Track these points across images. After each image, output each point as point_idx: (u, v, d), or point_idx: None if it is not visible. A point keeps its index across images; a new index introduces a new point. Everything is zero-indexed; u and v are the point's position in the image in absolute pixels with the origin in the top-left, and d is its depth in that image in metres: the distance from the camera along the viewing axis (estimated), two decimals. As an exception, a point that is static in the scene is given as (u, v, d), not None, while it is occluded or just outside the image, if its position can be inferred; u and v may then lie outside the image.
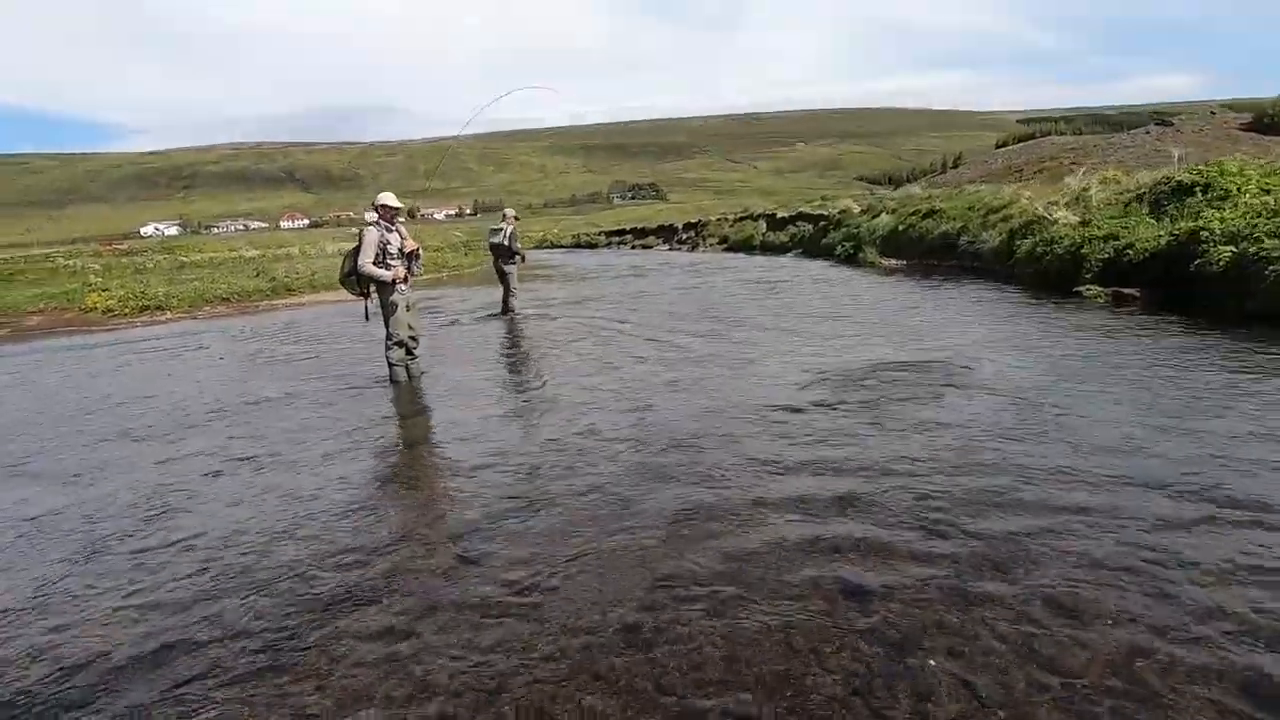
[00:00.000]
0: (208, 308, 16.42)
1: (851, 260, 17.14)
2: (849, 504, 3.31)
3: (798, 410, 4.79)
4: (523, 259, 11.38)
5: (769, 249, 25.24)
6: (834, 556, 2.84)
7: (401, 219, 6.38)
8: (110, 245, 66.06)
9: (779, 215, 29.28)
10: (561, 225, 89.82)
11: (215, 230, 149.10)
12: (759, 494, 3.49)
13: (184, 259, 34.60)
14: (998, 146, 69.83)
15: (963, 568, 2.69)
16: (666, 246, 36.87)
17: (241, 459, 4.55)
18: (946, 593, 2.53)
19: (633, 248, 41.37)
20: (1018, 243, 11.45)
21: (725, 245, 30.23)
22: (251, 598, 2.80)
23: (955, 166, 67.62)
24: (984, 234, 13.09)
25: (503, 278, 11.07)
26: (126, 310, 16.11)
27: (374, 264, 6.07)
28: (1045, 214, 11.32)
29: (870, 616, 2.42)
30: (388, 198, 6.24)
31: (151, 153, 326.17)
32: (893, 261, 15.72)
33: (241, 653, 2.44)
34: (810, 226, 23.66)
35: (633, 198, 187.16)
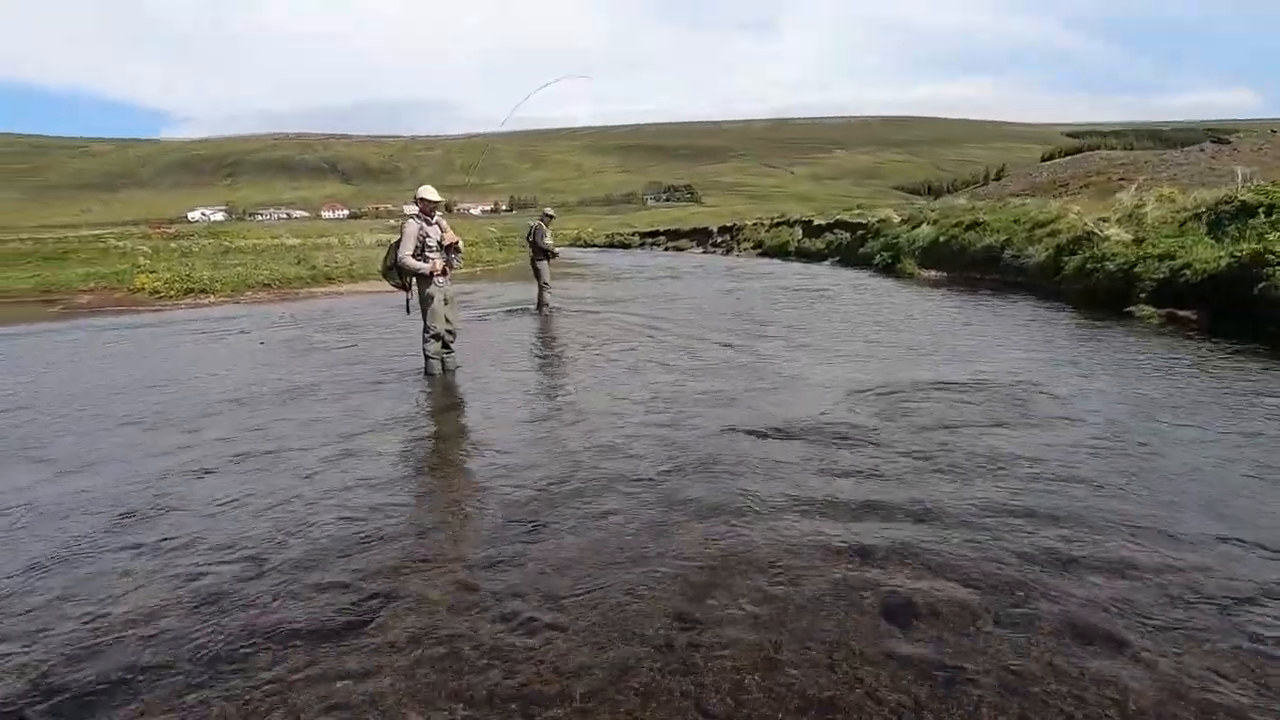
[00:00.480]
0: (250, 293, 16.77)
1: (890, 271, 16.85)
2: (904, 555, 2.87)
3: (844, 437, 4.36)
4: (554, 255, 11.44)
5: (804, 256, 24.96)
6: (885, 624, 2.41)
7: (440, 212, 6.39)
8: (159, 228, 67.99)
9: (816, 222, 28.97)
10: (596, 224, 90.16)
11: (259, 217, 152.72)
12: (799, 536, 3.07)
13: (228, 244, 35.46)
14: (1043, 159, 68.25)
15: (1045, 635, 2.32)
16: (700, 249, 36.73)
17: (254, 454, 4.47)
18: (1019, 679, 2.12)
19: (666, 249, 41.32)
20: (1065, 259, 11.14)
21: (760, 250, 29.99)
22: (215, 620, 2.56)
23: (998, 178, 66.29)
24: (1029, 248, 12.75)
25: (536, 274, 11.18)
26: (172, 292, 16.53)
27: (413, 257, 6.11)
28: (1095, 230, 10.98)
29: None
30: (428, 191, 6.27)
31: (199, 140, 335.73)
32: (932, 273, 15.42)
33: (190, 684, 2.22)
34: (848, 235, 23.35)
35: (667, 199, 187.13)
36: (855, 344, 7.41)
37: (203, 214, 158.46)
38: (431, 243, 6.16)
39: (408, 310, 6.36)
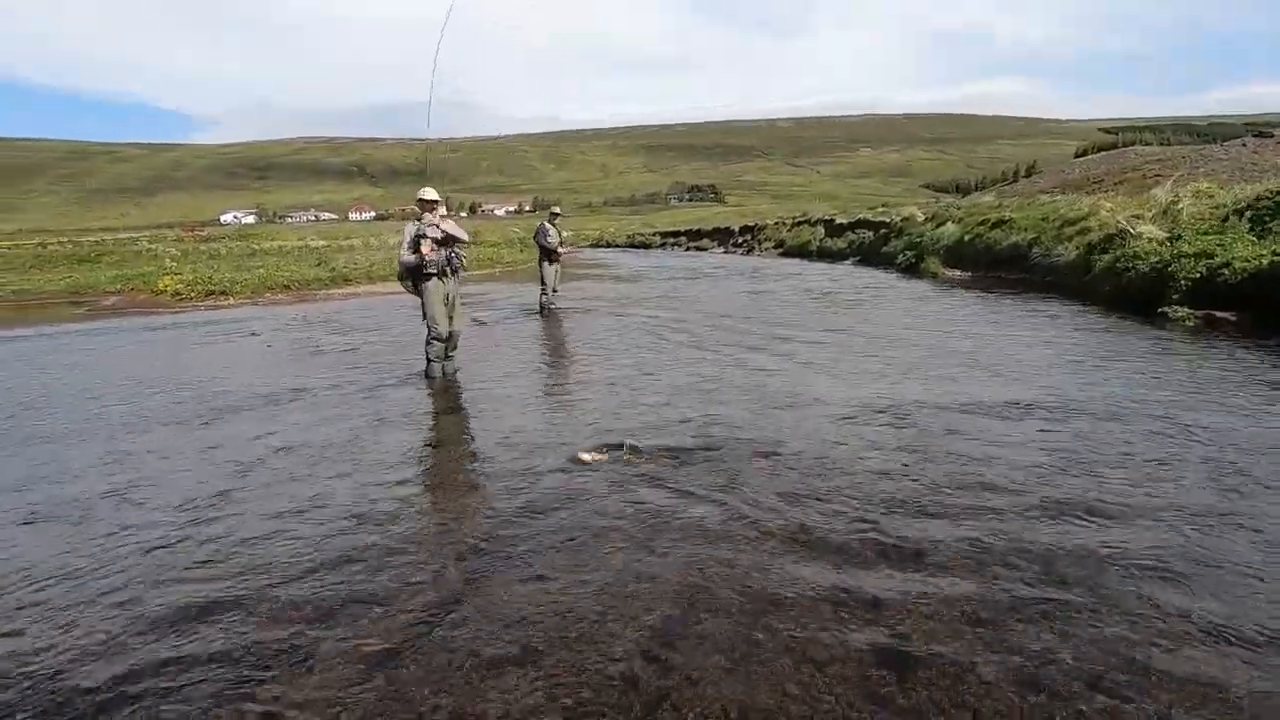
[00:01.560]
0: (269, 294, 16.89)
1: (912, 270, 16.42)
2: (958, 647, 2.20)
3: (883, 473, 3.66)
4: (558, 255, 11.28)
5: (825, 255, 24.53)
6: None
7: (441, 212, 6.30)
8: (192, 231, 69.59)
9: (838, 221, 28.48)
10: (618, 225, 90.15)
11: (288, 220, 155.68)
12: (816, 588, 2.55)
13: (256, 246, 36.05)
14: (1077, 155, 66.55)
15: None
16: (721, 249, 36.43)
17: (235, 464, 4.37)
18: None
19: (686, 249, 41.07)
20: (1095, 257, 10.67)
21: (781, 250, 29.60)
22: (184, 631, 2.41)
23: (1029, 175, 64.83)
24: (1058, 247, 12.28)
25: (541, 275, 11.12)
26: (193, 294, 16.73)
27: (401, 274, 6.26)
28: (1128, 227, 10.50)
29: None
30: (424, 192, 6.24)
31: (231, 144, 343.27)
32: (956, 273, 14.97)
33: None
34: (870, 234, 22.89)
35: (690, 199, 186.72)
36: (874, 353, 6.79)
37: (234, 216, 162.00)
38: (426, 242, 6.08)
39: (423, 315, 6.29)
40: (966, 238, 15.89)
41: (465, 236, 6.37)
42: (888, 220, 22.91)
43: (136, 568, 2.93)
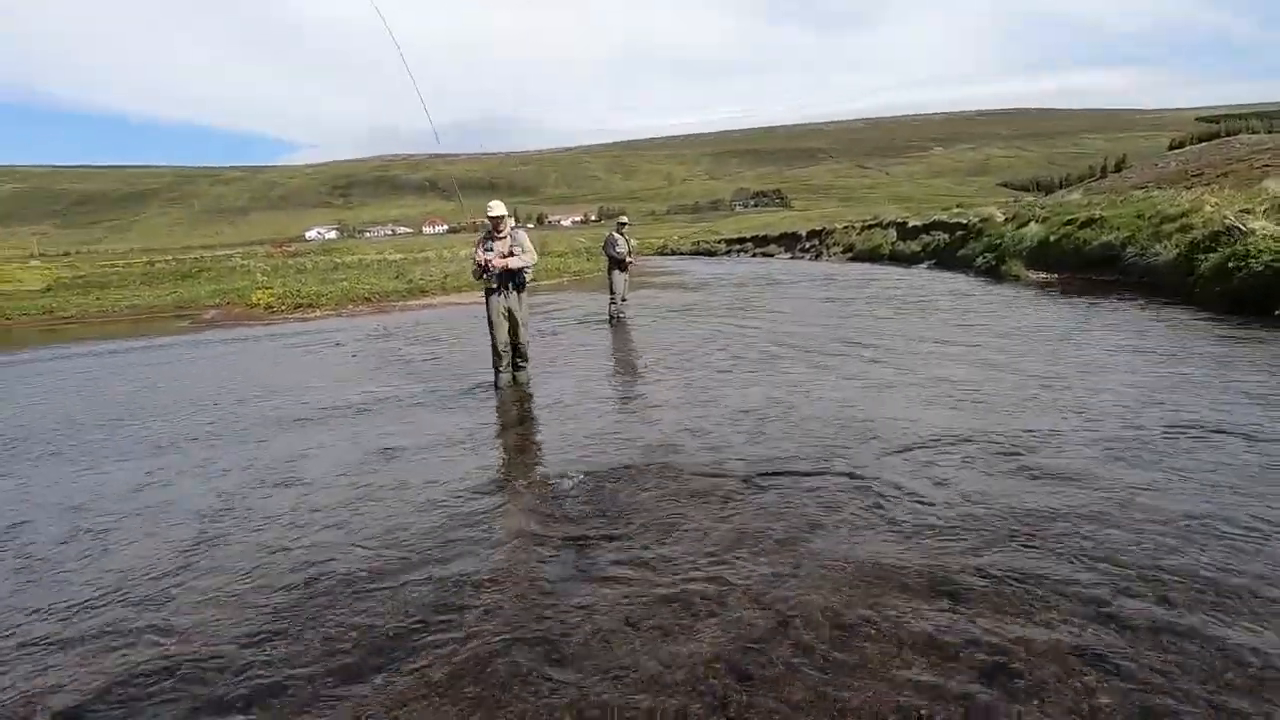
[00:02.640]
0: (351, 306, 17.73)
1: (992, 273, 15.71)
2: None
3: (1032, 580, 2.58)
4: (628, 264, 11.37)
5: (898, 259, 23.80)
6: None
7: (510, 224, 6.44)
8: (280, 248, 73.95)
9: (911, 224, 27.60)
10: (682, 232, 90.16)
11: (367, 234, 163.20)
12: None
13: (338, 260, 38.00)
14: (1171, 148, 62.24)
15: None
16: (788, 255, 35.89)
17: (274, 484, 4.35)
18: None
19: (753, 255, 40.66)
20: (1200, 257, 9.93)
21: (850, 254, 28.91)
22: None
23: (1118, 170, 61.16)
24: (1155, 246, 11.50)
25: (610, 284, 11.23)
26: (284, 307, 17.75)
27: (473, 272, 6.47)
28: (1237, 224, 9.73)
29: None
30: (489, 207, 6.38)
31: (317, 164, 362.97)
32: (1041, 275, 14.23)
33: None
34: (946, 236, 22.05)
35: (755, 205, 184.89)
36: (988, 374, 5.86)
37: (318, 233, 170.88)
38: (491, 257, 6.28)
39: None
40: (1052, 238, 15.09)
41: (521, 263, 6.32)
42: (965, 221, 22.03)
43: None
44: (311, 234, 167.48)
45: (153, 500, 4.10)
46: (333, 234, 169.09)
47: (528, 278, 6.51)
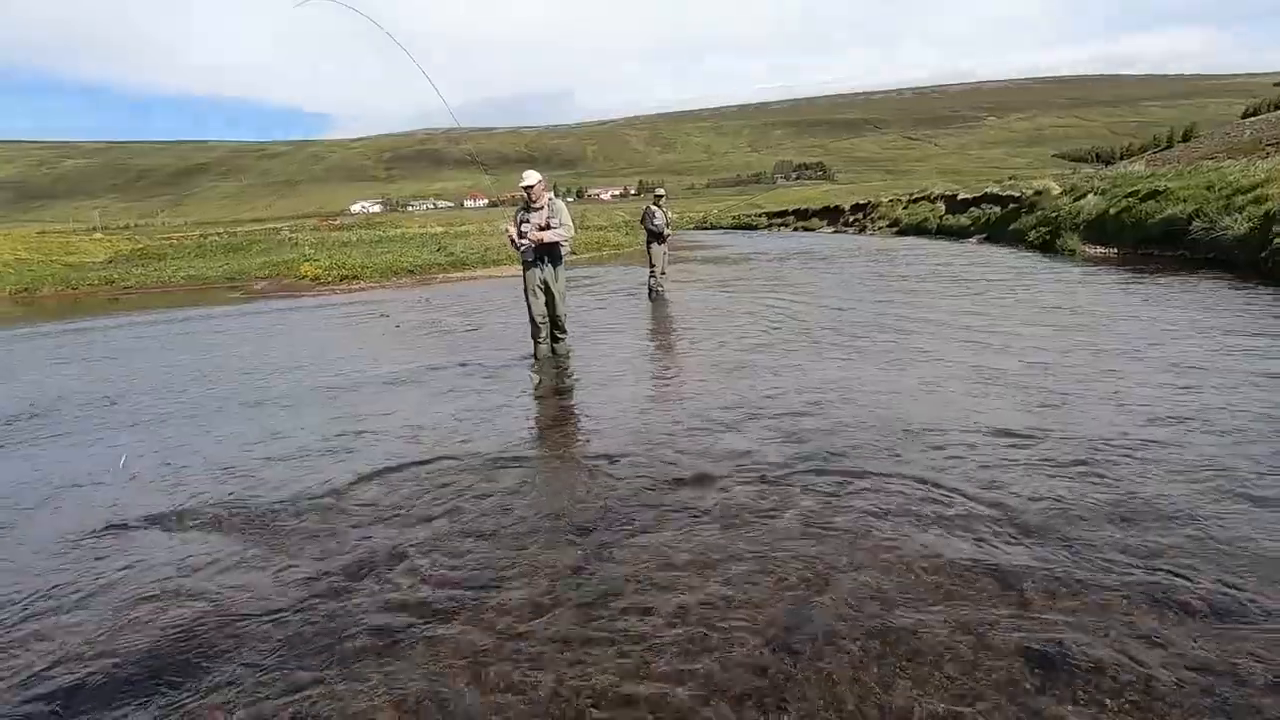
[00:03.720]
0: (395, 278, 18.05)
1: (1046, 248, 15.16)
2: None
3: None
4: (665, 237, 11.23)
5: (946, 233, 23.14)
6: None
7: (548, 196, 6.34)
8: (326, 221, 75.49)
9: (960, 196, 26.73)
10: (722, 206, 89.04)
11: (410, 208, 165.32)
12: None
13: (381, 234, 38.62)
14: (1245, 115, 58.53)
15: None
16: (831, 229, 35.20)
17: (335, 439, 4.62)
18: None
19: (794, 229, 40.02)
20: (1276, 229, 9.39)
21: (896, 229, 28.22)
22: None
23: (1186, 140, 57.93)
24: (1225, 219, 10.90)
25: (649, 257, 11.14)
26: (330, 278, 18.17)
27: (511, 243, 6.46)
28: (1318, 195, 9.15)
29: None
30: (522, 177, 6.29)
31: (361, 139, 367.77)
32: (1099, 250, 13.67)
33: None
34: (997, 209, 21.31)
35: (797, 178, 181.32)
36: (1051, 363, 5.16)
37: (363, 206, 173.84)
38: (527, 228, 6.25)
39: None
40: (1111, 211, 14.43)
41: (556, 237, 6.24)
42: (1018, 194, 21.25)
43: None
44: (356, 207, 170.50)
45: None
46: (376, 208, 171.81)
47: (565, 251, 6.41)
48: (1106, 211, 14.62)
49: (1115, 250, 13.28)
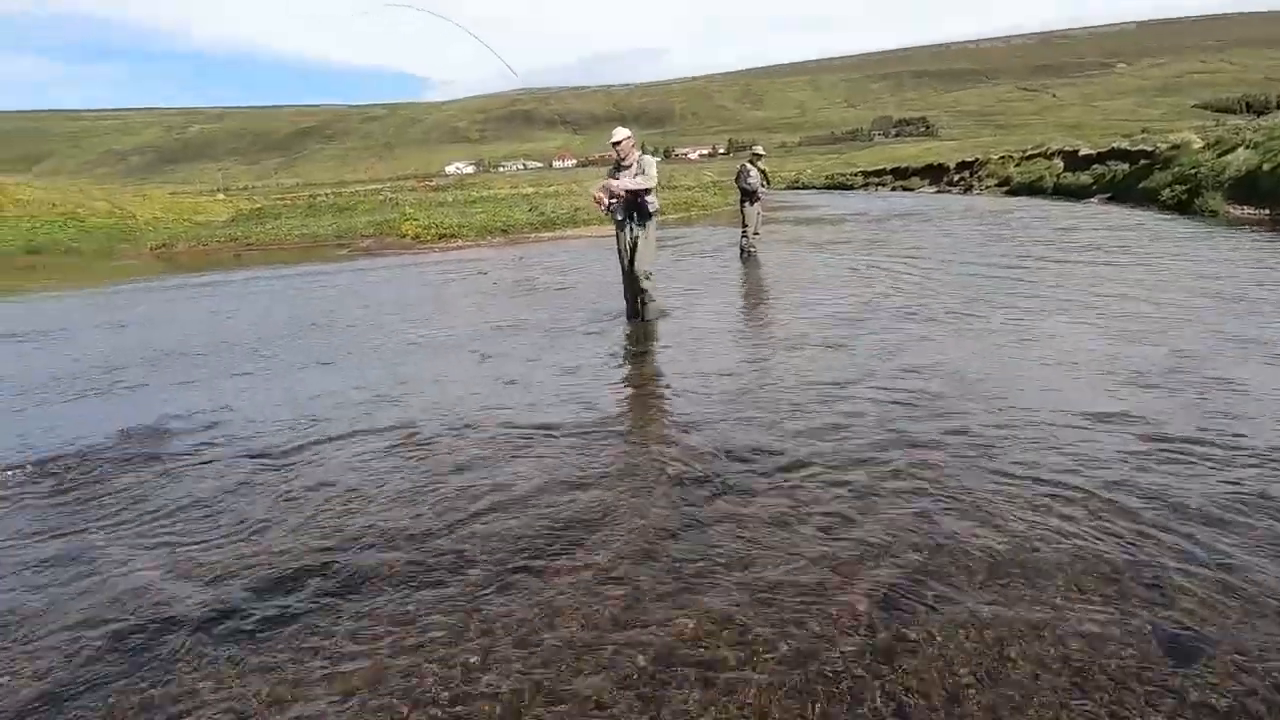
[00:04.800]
0: (489, 237, 18.59)
1: (1183, 208, 13.76)
2: None
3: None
4: (756, 199, 10.92)
5: (1063, 192, 21.38)
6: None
7: (635, 155, 6.17)
8: (423, 182, 78.21)
9: (1082, 152, 24.57)
10: (816, 165, 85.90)
11: (501, 169, 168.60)
12: None
13: (475, 195, 39.68)
14: None
15: None
16: (934, 188, 33.28)
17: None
18: None
19: (892, 189, 38.10)
20: None
21: (1006, 188, 26.33)
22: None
23: (1362, 85, 50.49)
24: None
25: (742, 217, 10.92)
26: (430, 237, 18.92)
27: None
28: None
29: None
30: (610, 134, 6.21)
31: (455, 100, 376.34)
32: (1245, 210, 12.29)
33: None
34: (1125, 166, 19.47)
35: (897, 134, 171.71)
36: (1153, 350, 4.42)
37: (457, 167, 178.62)
38: (614, 186, 6.11)
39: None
40: (1266, 167, 12.89)
41: (634, 185, 6.04)
42: (1150, 149, 19.30)
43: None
44: (451, 169, 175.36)
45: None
46: (470, 169, 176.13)
47: (653, 209, 6.20)
48: (1259, 167, 13.07)
49: (1268, 211, 11.90)
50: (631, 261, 6.27)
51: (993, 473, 2.90)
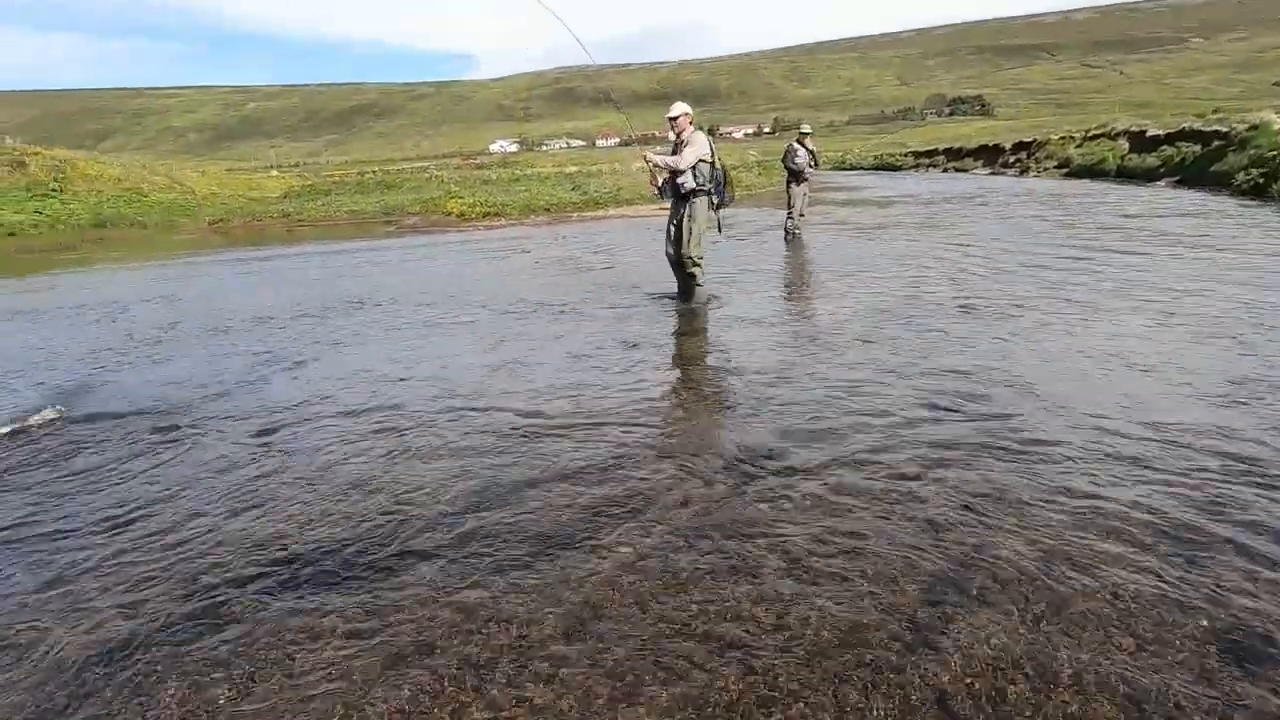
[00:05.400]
0: (533, 216, 18.67)
1: (1259, 192, 13.02)
2: None
3: None
4: (803, 179, 10.75)
5: (1127, 175, 20.42)
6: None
7: (691, 128, 5.98)
8: (467, 160, 78.89)
9: (1150, 133, 23.34)
10: (865, 145, 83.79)
11: (544, 147, 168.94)
12: None
13: (518, 173, 39.88)
14: None
15: None
16: (987, 170, 32.12)
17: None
18: None
19: (944, 170, 36.90)
20: None
21: (1066, 170, 25.25)
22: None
23: None
24: None
25: (788, 198, 10.78)
26: (474, 215, 19.11)
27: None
28: None
29: None
30: (670, 109, 6.06)
31: (500, 78, 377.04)
32: (1330, 196, 11.55)
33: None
34: (1197, 148, 18.45)
35: (951, 113, 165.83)
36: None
37: (500, 145, 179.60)
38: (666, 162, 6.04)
39: (719, 229, 6.37)
40: (1353, 150, 12.08)
41: (659, 160, 6.02)
42: (1225, 130, 18.24)
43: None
44: (494, 147, 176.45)
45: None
46: (513, 147, 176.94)
47: (689, 185, 5.92)
48: (1346, 150, 12.26)
49: (1353, 197, 11.17)
50: (676, 244, 6.18)
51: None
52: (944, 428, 3.28)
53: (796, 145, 10.79)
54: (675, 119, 5.99)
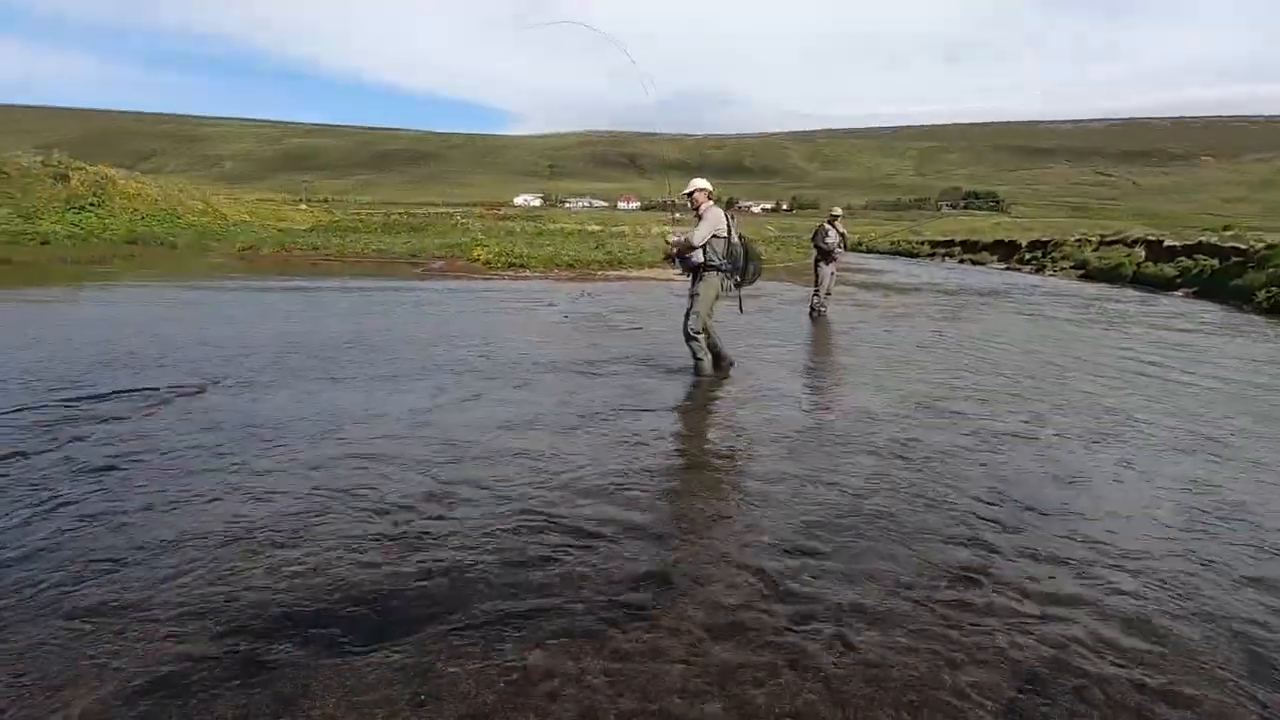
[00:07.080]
0: (557, 270, 18.93)
1: (1277, 310, 13.13)
2: None
3: None
4: (832, 259, 10.94)
5: (1144, 283, 20.67)
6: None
7: (706, 206, 6.08)
8: (491, 210, 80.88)
9: (1167, 243, 23.78)
10: (880, 230, 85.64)
11: (567, 205, 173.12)
12: None
13: (542, 227, 40.79)
14: None
15: None
16: (1002, 265, 32.62)
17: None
18: None
19: (960, 261, 37.49)
20: None
21: (1082, 272, 25.60)
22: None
23: None
24: None
25: (815, 276, 10.96)
26: (499, 264, 19.39)
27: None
28: None
29: None
30: (688, 184, 6.17)
31: (531, 136, 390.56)
32: (1353, 321, 11.61)
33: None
34: (1214, 262, 18.75)
35: (965, 206, 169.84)
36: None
37: (525, 199, 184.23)
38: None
39: (740, 308, 6.50)
40: (1375, 277, 12.22)
41: (676, 238, 6.18)
42: (1243, 247, 18.58)
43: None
44: (519, 200, 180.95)
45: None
46: (537, 202, 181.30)
47: (697, 259, 5.98)
48: (1368, 277, 12.39)
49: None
50: (684, 317, 6.20)
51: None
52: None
53: (828, 226, 11.00)
54: (692, 194, 6.12)
